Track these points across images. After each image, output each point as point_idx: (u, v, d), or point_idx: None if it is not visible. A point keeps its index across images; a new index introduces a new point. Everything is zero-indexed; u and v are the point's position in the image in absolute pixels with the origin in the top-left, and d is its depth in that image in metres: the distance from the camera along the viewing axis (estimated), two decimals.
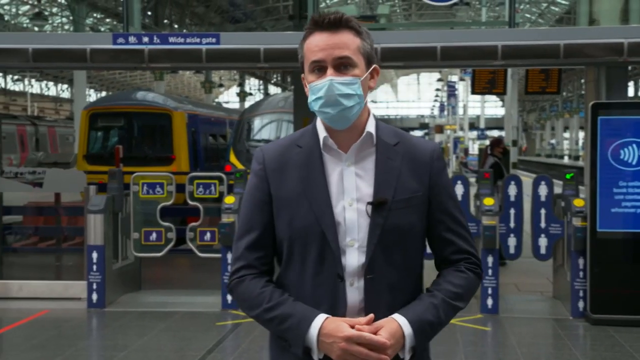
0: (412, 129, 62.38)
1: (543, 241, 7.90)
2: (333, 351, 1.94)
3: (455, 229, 2.13)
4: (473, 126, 57.13)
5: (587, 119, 7.48)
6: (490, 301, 7.62)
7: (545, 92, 11.63)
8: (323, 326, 1.96)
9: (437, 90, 62.01)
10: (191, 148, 14.64)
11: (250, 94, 53.54)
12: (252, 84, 58.13)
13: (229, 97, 73.08)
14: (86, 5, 29.50)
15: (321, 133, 2.10)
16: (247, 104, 38.97)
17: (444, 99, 57.03)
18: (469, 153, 46.55)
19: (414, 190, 2.08)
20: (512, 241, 7.92)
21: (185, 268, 10.89)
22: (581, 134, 50.00)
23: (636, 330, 7.03)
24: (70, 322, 7.47)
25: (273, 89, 53.55)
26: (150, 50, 8.40)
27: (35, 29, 37.61)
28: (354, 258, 2.04)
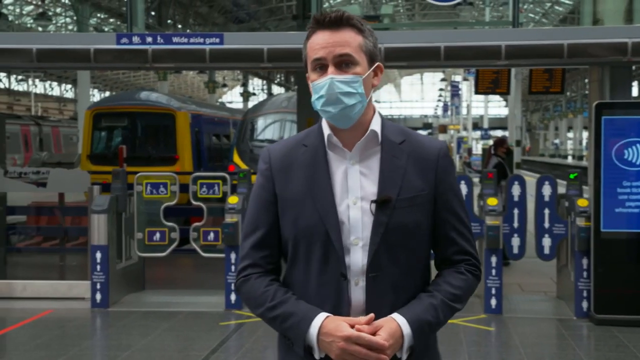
0: (416, 129, 61.95)
1: (547, 241, 7.89)
2: (332, 350, 1.94)
3: (459, 229, 2.12)
4: (476, 126, 57.18)
5: (591, 118, 7.46)
6: (493, 301, 7.61)
7: (549, 92, 11.64)
8: (323, 325, 1.96)
9: (441, 90, 62.02)
10: (195, 148, 14.64)
11: (254, 94, 53.57)
12: (256, 84, 58.15)
13: (233, 97, 73.10)
14: (90, 6, 29.57)
15: (326, 131, 2.09)
16: (251, 104, 38.94)
17: (448, 99, 57.06)
18: (472, 153, 46.47)
19: (419, 188, 2.06)
20: (516, 241, 7.91)
21: (189, 268, 10.89)
22: (585, 134, 49.98)
23: None
24: (74, 322, 7.48)
25: (276, 89, 53.55)
26: (153, 50, 8.41)
27: (39, 29, 37.58)
28: (358, 257, 2.03)
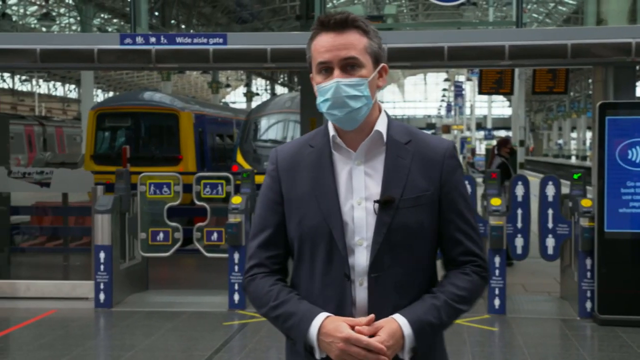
0: (419, 129, 62.22)
1: (550, 241, 7.88)
2: (332, 351, 1.95)
3: (465, 230, 2.10)
4: (480, 126, 57.12)
5: (595, 119, 7.46)
6: (497, 301, 7.61)
7: (553, 92, 11.63)
8: (322, 325, 1.96)
9: (444, 90, 61.95)
10: (198, 148, 14.64)
11: (257, 94, 53.60)
12: (259, 84, 58.20)
13: (236, 98, 73.08)
14: (93, 6, 29.62)
15: (331, 132, 2.09)
16: (254, 104, 38.99)
17: (451, 99, 56.99)
18: (476, 153, 46.45)
19: (423, 188, 2.05)
20: (520, 241, 7.90)
21: (192, 268, 10.89)
22: (589, 134, 49.89)
23: None
24: (78, 322, 7.49)
25: (280, 89, 53.56)
26: (157, 50, 8.41)
27: (43, 29, 37.74)
28: (362, 257, 2.03)
